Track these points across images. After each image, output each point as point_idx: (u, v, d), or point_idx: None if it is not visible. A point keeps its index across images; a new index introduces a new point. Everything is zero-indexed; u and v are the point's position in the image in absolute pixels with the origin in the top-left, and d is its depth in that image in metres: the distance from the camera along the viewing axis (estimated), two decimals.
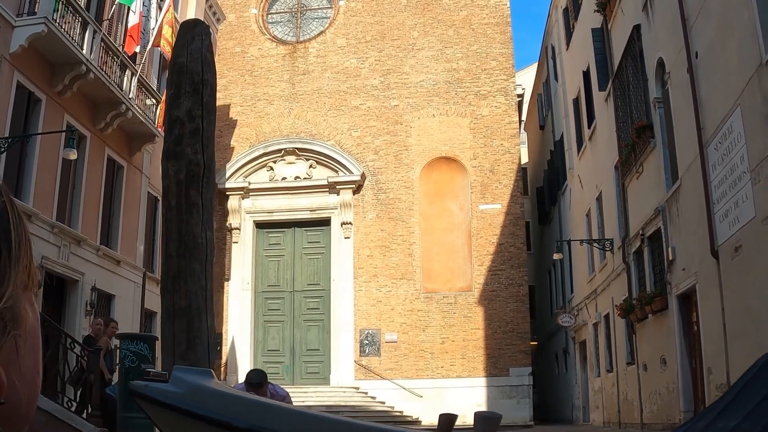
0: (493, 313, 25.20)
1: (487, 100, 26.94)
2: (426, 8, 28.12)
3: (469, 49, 27.50)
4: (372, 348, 25.49)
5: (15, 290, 0.62)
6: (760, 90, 10.20)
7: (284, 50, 28.54)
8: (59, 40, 14.40)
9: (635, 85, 16.31)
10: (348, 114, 27.48)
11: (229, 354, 25.91)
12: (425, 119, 27.07)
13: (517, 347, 24.89)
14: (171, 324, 4.32)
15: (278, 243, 27.27)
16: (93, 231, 16.60)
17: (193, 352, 4.27)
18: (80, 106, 16.16)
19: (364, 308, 25.79)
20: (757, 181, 10.42)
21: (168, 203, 4.63)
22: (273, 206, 26.97)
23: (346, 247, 26.35)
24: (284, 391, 6.66)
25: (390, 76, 27.65)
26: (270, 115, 27.89)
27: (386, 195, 26.63)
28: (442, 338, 25.30)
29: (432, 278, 25.87)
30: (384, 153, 27.01)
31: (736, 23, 10.98)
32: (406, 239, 26.20)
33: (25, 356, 0.64)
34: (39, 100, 14.91)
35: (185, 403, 2.73)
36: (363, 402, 24.10)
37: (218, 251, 26.61)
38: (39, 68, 14.77)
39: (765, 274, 10.20)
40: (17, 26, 13.88)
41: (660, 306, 14.96)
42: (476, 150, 26.59)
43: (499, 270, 25.58)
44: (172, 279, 4.34)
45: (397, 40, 28.03)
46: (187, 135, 4.58)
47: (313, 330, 26.40)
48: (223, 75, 28.22)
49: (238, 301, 26.36)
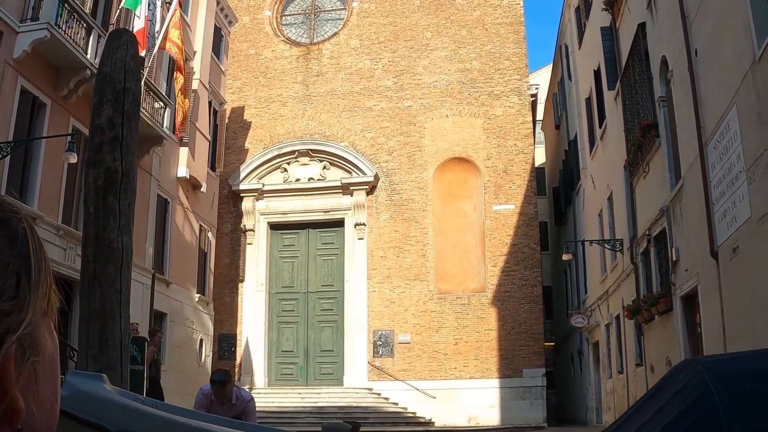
0: (506, 314, 25.07)
1: (500, 100, 26.81)
2: (439, 8, 28.06)
3: (482, 49, 27.39)
4: (385, 349, 25.49)
5: (34, 317, 0.63)
6: (754, 87, 10.03)
7: (298, 52, 28.64)
8: (62, 45, 14.58)
9: (641, 83, 16.13)
10: (361, 115, 27.50)
11: (243, 355, 26.04)
12: (438, 120, 27.01)
13: (530, 348, 24.74)
14: (86, 327, 4.37)
15: (292, 244, 27.37)
16: None
17: (106, 355, 4.31)
18: (86, 109, 16.28)
19: (377, 309, 25.79)
20: (752, 180, 10.25)
21: (87, 209, 4.68)
22: (287, 207, 27.07)
23: (359, 248, 26.37)
24: (249, 395, 6.70)
25: (403, 77, 27.63)
26: (284, 117, 28.00)
27: (400, 196, 26.62)
28: (456, 339, 25.22)
29: (445, 279, 25.81)
30: (397, 154, 27.00)
31: (732, 19, 10.82)
32: (420, 240, 26.16)
33: (43, 384, 0.65)
34: (44, 105, 15.11)
35: (65, 405, 2.76)
36: (375, 403, 24.11)
37: (233, 253, 26.83)
38: (43, 73, 14.96)
39: (760, 275, 10.03)
40: (21, 32, 14.07)
41: (665, 307, 14.78)
42: (489, 150, 26.47)
43: (513, 270, 25.44)
44: (88, 283, 4.38)
45: (410, 41, 28.00)
46: (107, 143, 4.62)
47: (326, 331, 26.45)
48: (237, 77, 28.47)
49: (252, 302, 26.49)
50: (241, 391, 6.73)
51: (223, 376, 6.25)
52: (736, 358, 2.86)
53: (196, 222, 22.47)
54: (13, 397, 0.60)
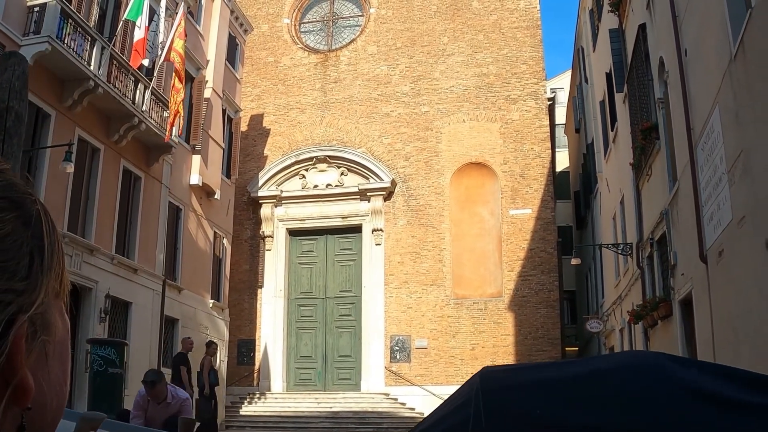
0: (523, 319, 24.91)
1: (517, 105, 26.68)
2: (456, 13, 28.03)
3: (499, 54, 27.30)
4: (402, 354, 25.49)
5: (46, 298, 0.64)
6: (731, 87, 9.86)
7: (316, 59, 28.86)
8: (65, 57, 14.93)
9: (643, 85, 15.94)
10: (379, 121, 27.60)
11: (261, 360, 26.26)
12: (455, 125, 26.97)
13: (547, 353, 24.50)
14: None
15: (311, 250, 27.55)
16: (107, 240, 17.10)
17: None
18: (92, 119, 16.69)
19: (394, 314, 25.82)
20: (732, 182, 10.07)
21: None
22: (305, 214, 27.26)
23: (377, 253, 26.44)
24: (185, 394, 6.80)
25: (420, 83, 27.66)
26: (302, 124, 28.23)
27: (417, 201, 26.63)
28: (472, 344, 25.12)
29: (462, 284, 25.73)
30: (414, 159, 27.02)
31: (713, 16, 10.65)
32: (437, 245, 26.13)
33: (53, 364, 0.66)
34: (48, 115, 15.48)
35: None
36: (391, 408, 24.12)
37: (252, 259, 27.11)
38: (48, 84, 15.33)
39: (741, 280, 9.84)
40: (23, 45, 14.44)
41: (665, 312, 14.56)
42: (506, 155, 26.34)
43: (530, 275, 25.26)
44: None
45: (427, 46, 28.02)
46: None
47: (344, 336, 26.54)
48: (257, 85, 28.80)
49: (271, 307, 26.71)
50: (177, 390, 6.83)
51: (153, 376, 6.35)
52: (518, 369, 2.97)
53: (210, 229, 22.74)
54: (23, 376, 0.61)
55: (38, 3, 14.88)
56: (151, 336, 18.43)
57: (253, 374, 26.20)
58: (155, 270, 18.91)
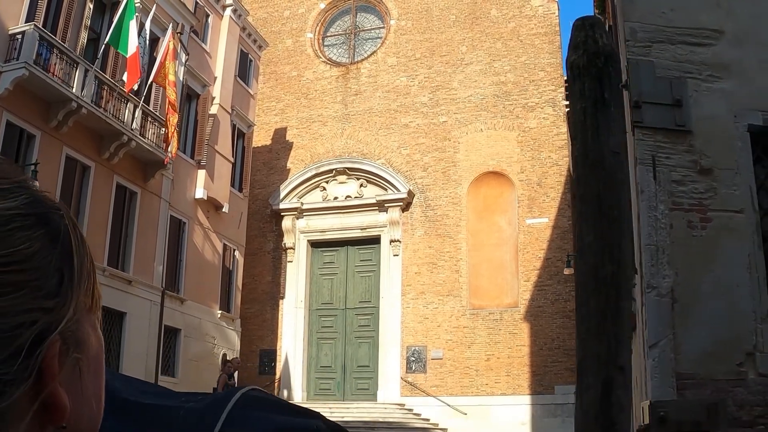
0: (539, 330, 24.55)
1: (534, 112, 26.39)
2: (474, 22, 27.96)
3: (517, 61, 27.06)
4: (418, 365, 25.51)
5: (77, 314, 0.63)
6: None
7: (337, 72, 29.27)
8: (44, 81, 15.75)
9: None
10: (398, 132, 27.76)
11: (282, 370, 26.72)
12: (473, 134, 26.87)
13: (563, 364, 24.05)
14: None
15: (332, 261, 27.89)
16: (99, 254, 17.83)
17: None
18: (82, 138, 17.49)
19: (411, 325, 25.88)
20: None
21: None
22: (326, 225, 27.63)
23: (395, 264, 26.57)
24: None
25: (439, 93, 27.69)
26: (324, 137, 28.65)
27: (434, 212, 26.64)
28: (488, 355, 24.91)
29: (479, 294, 25.56)
30: (432, 170, 27.05)
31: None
32: (453, 256, 26.06)
33: (87, 381, 0.64)
34: (33, 136, 16.33)
35: None
36: (403, 419, 24.16)
37: (273, 270, 27.67)
38: (33, 106, 16.19)
39: None
40: (3, 71, 15.34)
41: None
42: (524, 163, 26.08)
43: (546, 285, 24.89)
44: None
45: (445, 56, 28.03)
46: None
47: (363, 347, 26.74)
48: (281, 99, 29.42)
49: (292, 318, 27.16)
50: None
51: None
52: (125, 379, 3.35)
53: (219, 241, 23.36)
54: (56, 394, 0.60)
55: (19, 31, 15.75)
56: (148, 345, 19.08)
57: (273, 384, 26.67)
58: (153, 281, 19.58)
